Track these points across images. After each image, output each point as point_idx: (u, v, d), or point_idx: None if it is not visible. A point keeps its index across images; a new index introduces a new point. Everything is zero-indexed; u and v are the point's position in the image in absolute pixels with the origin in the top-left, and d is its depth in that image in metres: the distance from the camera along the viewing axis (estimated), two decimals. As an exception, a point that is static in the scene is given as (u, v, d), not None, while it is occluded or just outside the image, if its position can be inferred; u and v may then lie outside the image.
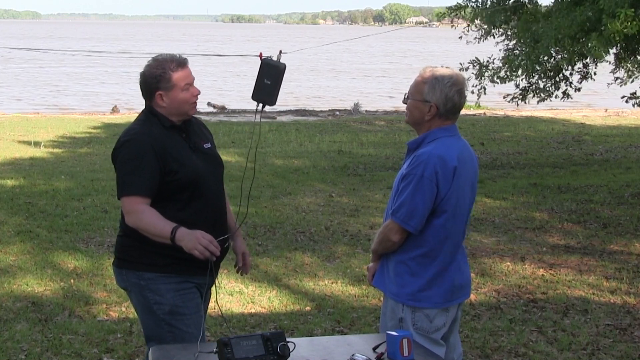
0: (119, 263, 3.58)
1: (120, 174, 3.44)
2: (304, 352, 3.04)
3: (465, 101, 3.47)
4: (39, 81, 32.90)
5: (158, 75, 3.46)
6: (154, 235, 3.38)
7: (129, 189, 3.42)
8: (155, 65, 3.49)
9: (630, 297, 6.23)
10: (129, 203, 3.41)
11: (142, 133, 3.47)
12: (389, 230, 3.39)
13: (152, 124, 3.50)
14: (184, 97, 3.52)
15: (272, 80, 3.50)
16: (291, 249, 7.45)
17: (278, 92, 3.53)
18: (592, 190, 10.55)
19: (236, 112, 22.46)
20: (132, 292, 3.58)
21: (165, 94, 3.47)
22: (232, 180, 10.91)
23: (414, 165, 3.33)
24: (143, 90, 3.53)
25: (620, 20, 8.70)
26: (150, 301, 3.48)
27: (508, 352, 5.11)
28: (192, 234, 3.32)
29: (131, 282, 3.53)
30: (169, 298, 3.48)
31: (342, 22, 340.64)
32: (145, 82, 3.50)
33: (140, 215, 3.40)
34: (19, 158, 12.74)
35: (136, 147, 3.43)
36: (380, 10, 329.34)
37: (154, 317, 3.50)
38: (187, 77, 3.53)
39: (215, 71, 39.08)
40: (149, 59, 3.55)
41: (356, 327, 5.47)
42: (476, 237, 8.00)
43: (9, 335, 5.21)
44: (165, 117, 3.51)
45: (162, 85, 3.47)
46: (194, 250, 3.30)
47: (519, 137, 16.53)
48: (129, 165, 3.42)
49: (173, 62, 3.48)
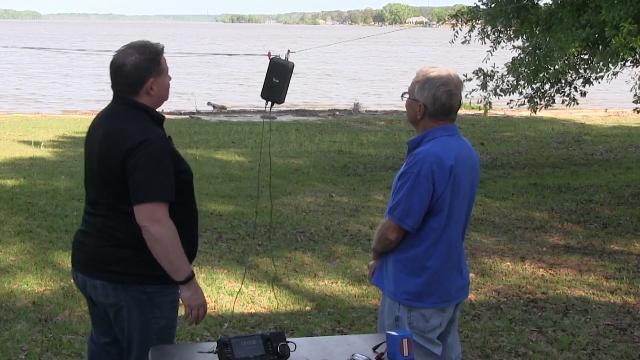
0: (116, 278, 3.22)
1: (144, 175, 3.10)
2: (304, 352, 3.04)
3: (460, 103, 3.46)
4: (40, 81, 32.92)
5: (150, 60, 3.19)
6: (169, 261, 3.14)
7: (158, 194, 3.12)
8: (143, 50, 3.20)
9: (630, 297, 6.23)
10: (159, 210, 3.11)
11: (155, 132, 3.19)
12: (386, 228, 3.41)
13: (146, 121, 3.22)
14: (169, 83, 3.29)
15: (280, 79, 3.55)
16: (291, 249, 7.45)
17: (286, 91, 3.57)
18: (592, 190, 10.55)
19: (236, 112, 22.47)
20: (125, 309, 3.26)
21: (156, 80, 3.21)
22: (232, 180, 10.94)
23: (411, 163, 3.35)
24: (132, 79, 3.19)
25: (623, 34, 8.46)
26: (149, 315, 3.26)
27: (508, 352, 5.11)
28: (202, 293, 3.24)
29: (129, 296, 3.24)
30: (165, 312, 3.30)
31: (342, 22, 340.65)
32: (137, 69, 3.17)
33: (170, 229, 3.13)
34: (19, 158, 12.74)
35: (157, 148, 3.14)
36: (380, 10, 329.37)
37: (146, 333, 3.27)
38: (166, 61, 3.30)
39: (215, 72, 39.10)
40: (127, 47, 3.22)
41: (356, 327, 5.47)
42: (476, 237, 8.00)
43: (9, 335, 5.21)
44: (155, 111, 3.27)
45: (154, 70, 3.20)
46: (194, 310, 3.23)
47: (519, 137, 16.54)
48: (154, 167, 3.11)
49: (156, 47, 3.24)
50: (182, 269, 3.19)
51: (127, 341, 3.34)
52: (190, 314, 3.27)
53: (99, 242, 3.26)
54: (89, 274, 3.29)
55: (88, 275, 3.30)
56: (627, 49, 8.54)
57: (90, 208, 3.34)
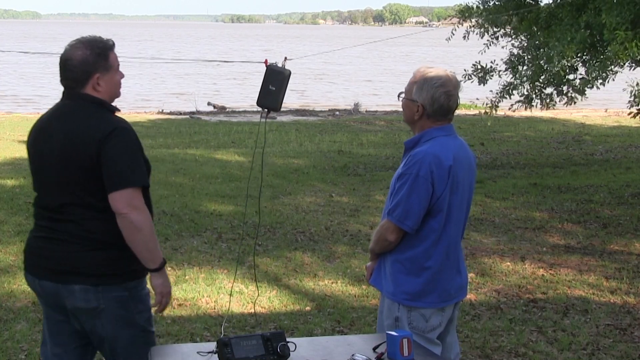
0: (96, 280, 3.13)
1: (120, 162, 3.06)
2: (304, 352, 3.04)
3: (457, 103, 3.46)
4: (41, 81, 32.91)
5: (97, 55, 3.14)
6: (148, 249, 3.12)
7: (136, 179, 3.08)
8: (90, 45, 3.15)
9: (630, 297, 6.23)
10: (137, 196, 3.08)
11: (122, 120, 3.17)
12: (385, 229, 3.40)
13: (107, 112, 3.18)
14: (119, 79, 3.24)
15: (277, 86, 3.52)
16: (291, 249, 7.45)
17: (283, 98, 3.54)
18: (592, 190, 10.55)
19: (236, 112, 22.47)
20: (105, 312, 3.17)
21: (103, 76, 3.16)
22: (232, 180, 10.94)
23: (410, 164, 3.34)
24: (78, 74, 3.14)
25: (618, 42, 8.40)
26: (133, 311, 3.22)
27: (508, 352, 5.11)
28: (169, 282, 3.25)
29: (110, 297, 3.16)
30: (146, 303, 3.28)
31: (342, 22, 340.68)
32: (83, 63, 3.13)
33: (148, 216, 3.11)
34: (19, 158, 12.72)
35: (129, 135, 3.12)
36: (380, 10, 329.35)
37: (132, 329, 3.23)
38: (117, 58, 3.24)
39: (215, 72, 39.09)
40: (76, 42, 3.19)
41: (356, 327, 5.47)
42: (476, 237, 8.00)
43: (9, 335, 5.21)
44: (110, 104, 3.21)
45: (101, 65, 3.15)
46: (165, 297, 3.23)
47: (519, 137, 16.53)
48: (129, 153, 3.09)
49: (105, 43, 3.19)
50: (158, 257, 3.16)
51: (109, 345, 3.26)
52: (160, 302, 3.25)
53: (72, 247, 3.14)
54: (63, 281, 3.16)
55: (62, 282, 3.16)
56: (623, 55, 8.54)
57: (54, 214, 3.20)
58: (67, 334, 3.33)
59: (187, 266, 6.82)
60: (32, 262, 3.29)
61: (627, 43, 8.42)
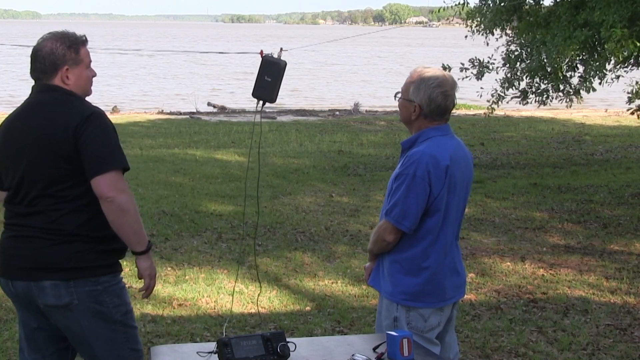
0: (67, 275, 3.08)
1: (101, 145, 3.05)
2: (304, 352, 3.04)
3: (454, 103, 3.46)
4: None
5: (67, 47, 3.15)
6: (134, 231, 3.11)
7: (119, 162, 3.08)
8: (61, 38, 3.16)
9: (630, 297, 6.23)
10: (121, 179, 3.07)
11: (95, 107, 3.16)
12: (383, 230, 3.40)
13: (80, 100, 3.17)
14: (89, 75, 3.23)
15: (272, 78, 3.50)
16: (291, 249, 7.45)
17: (278, 90, 3.52)
18: (592, 190, 10.55)
19: (236, 112, 22.47)
20: (78, 307, 3.12)
21: (72, 69, 3.15)
22: (232, 180, 10.93)
23: (407, 164, 3.34)
24: (47, 65, 3.14)
25: (614, 40, 8.43)
26: (109, 305, 3.16)
27: (508, 352, 5.11)
28: (154, 264, 3.27)
29: (82, 292, 3.11)
30: (123, 297, 3.23)
31: (342, 22, 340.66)
32: (52, 54, 3.13)
33: (133, 198, 3.10)
34: None
35: (105, 119, 3.11)
36: (380, 10, 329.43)
37: (110, 324, 3.18)
38: (89, 55, 3.24)
39: (215, 72, 39.09)
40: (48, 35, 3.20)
41: (356, 327, 5.46)
42: (476, 237, 8.00)
43: (9, 335, 5.22)
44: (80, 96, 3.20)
45: (70, 59, 3.15)
46: (152, 280, 3.24)
47: (519, 137, 16.53)
48: (108, 136, 3.08)
49: (77, 37, 3.20)
50: (144, 239, 3.16)
51: (87, 344, 3.20)
52: (149, 285, 3.26)
53: (41, 243, 3.11)
54: (34, 278, 3.12)
55: (33, 279, 3.12)
56: (620, 53, 8.56)
57: (24, 208, 3.17)
58: (43, 340, 3.31)
59: (187, 266, 6.82)
60: (4, 263, 3.25)
61: (624, 41, 8.44)
